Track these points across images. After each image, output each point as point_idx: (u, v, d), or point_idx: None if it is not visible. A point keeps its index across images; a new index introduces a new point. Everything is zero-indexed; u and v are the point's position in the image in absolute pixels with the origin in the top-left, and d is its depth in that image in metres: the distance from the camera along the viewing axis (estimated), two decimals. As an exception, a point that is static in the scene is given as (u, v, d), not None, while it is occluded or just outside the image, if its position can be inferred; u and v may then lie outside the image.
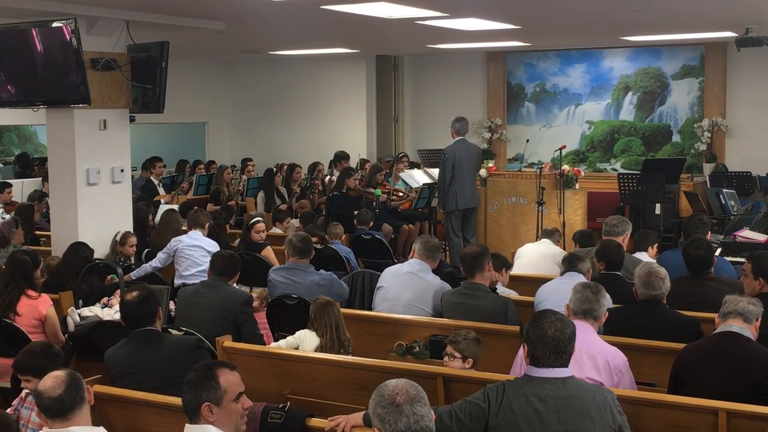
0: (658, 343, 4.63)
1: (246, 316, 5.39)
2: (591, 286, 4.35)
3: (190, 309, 5.47)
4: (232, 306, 5.37)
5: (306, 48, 12.43)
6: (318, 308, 4.88)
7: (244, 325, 5.34)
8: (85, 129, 7.40)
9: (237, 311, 5.35)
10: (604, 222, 6.68)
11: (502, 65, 13.58)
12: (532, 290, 5.89)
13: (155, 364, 4.19)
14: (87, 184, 7.44)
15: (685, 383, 4.06)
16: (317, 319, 4.85)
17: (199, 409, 3.11)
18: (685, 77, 12.51)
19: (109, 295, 5.99)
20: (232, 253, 5.86)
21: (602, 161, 13.09)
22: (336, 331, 4.82)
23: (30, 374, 3.88)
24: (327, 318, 4.83)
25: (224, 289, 5.51)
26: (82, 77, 6.87)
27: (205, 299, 5.45)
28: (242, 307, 5.39)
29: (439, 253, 5.98)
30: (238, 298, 5.46)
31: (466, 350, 4.39)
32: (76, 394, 3.23)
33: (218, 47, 12.18)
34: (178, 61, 11.02)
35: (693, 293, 5.42)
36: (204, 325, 5.18)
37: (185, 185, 12.09)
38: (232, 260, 5.68)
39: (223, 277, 5.58)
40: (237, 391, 3.17)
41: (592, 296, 4.27)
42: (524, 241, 8.59)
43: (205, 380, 3.14)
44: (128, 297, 4.34)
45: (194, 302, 5.49)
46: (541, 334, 3.30)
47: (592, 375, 3.95)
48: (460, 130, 9.45)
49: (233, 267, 5.64)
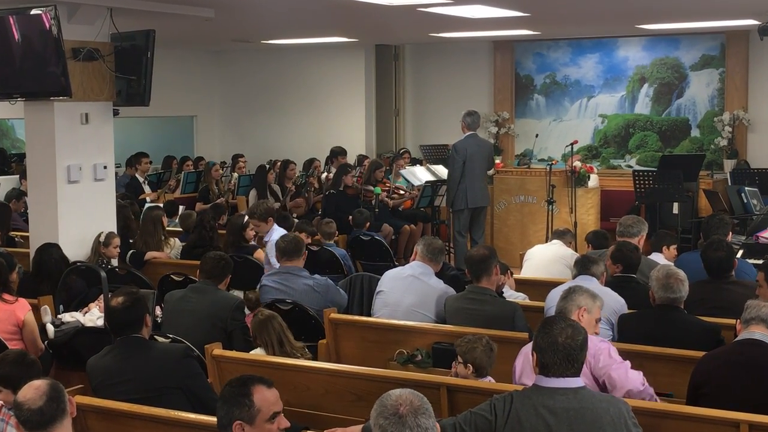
0: (676, 351, 4.64)
1: (237, 322, 5.40)
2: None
3: (178, 315, 5.48)
4: (223, 312, 5.38)
5: (301, 37, 12.44)
6: (257, 326, 4.92)
7: (235, 332, 5.36)
8: (66, 123, 7.40)
9: (228, 318, 5.36)
10: (619, 222, 6.70)
11: (509, 55, 13.58)
12: (541, 295, 5.90)
13: (141, 374, 4.19)
14: (68, 181, 7.44)
15: (704, 394, 4.07)
16: (259, 336, 4.91)
17: (230, 427, 3.11)
18: (704, 68, 12.52)
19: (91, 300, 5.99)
20: (221, 255, 5.86)
21: (616, 157, 13.10)
22: (281, 346, 4.87)
23: (1, 385, 3.89)
24: (268, 335, 4.89)
25: (214, 293, 5.52)
26: (62, 68, 6.87)
27: (193, 305, 5.46)
28: (233, 313, 5.40)
29: (443, 255, 6.00)
30: (229, 303, 5.46)
31: (467, 354, 4.39)
32: (57, 406, 3.24)
33: (207, 36, 12.19)
34: (165, 51, 11.02)
35: (713, 298, 5.43)
36: (192, 331, 5.18)
37: (172, 183, 12.10)
38: (221, 262, 5.68)
39: (213, 280, 5.59)
40: (272, 410, 3.15)
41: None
42: (533, 243, 8.61)
43: (239, 397, 3.13)
44: (114, 302, 4.34)
45: (182, 308, 5.50)
46: (552, 342, 3.31)
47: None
48: (471, 125, 9.45)
49: (223, 269, 5.65)
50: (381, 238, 8.98)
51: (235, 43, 13.37)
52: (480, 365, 4.38)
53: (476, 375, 4.38)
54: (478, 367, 4.38)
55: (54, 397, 3.24)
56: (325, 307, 5.79)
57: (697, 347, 4.55)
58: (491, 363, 4.43)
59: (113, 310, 4.33)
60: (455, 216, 9.45)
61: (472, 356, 4.39)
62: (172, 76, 13.26)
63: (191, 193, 11.84)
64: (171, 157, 13.37)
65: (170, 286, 6.59)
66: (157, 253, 7.90)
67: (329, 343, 5.60)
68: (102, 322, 5.51)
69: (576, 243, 8.45)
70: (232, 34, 11.84)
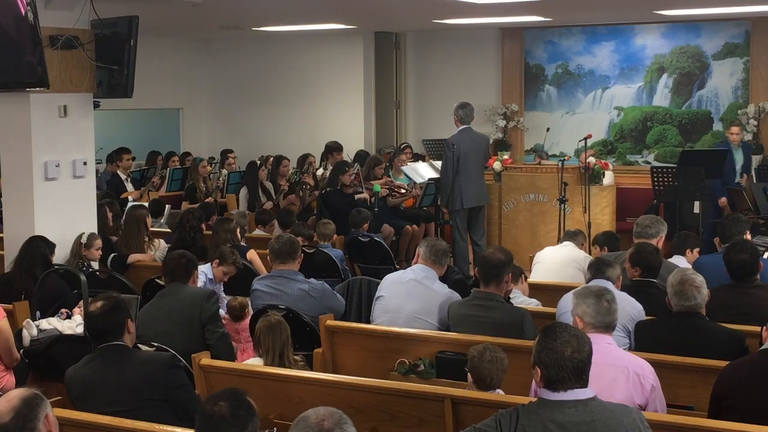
0: (697, 361, 4.64)
1: (210, 313, 5.47)
2: (604, 293, 4.38)
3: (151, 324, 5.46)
4: (194, 308, 5.46)
5: (294, 23, 12.44)
6: (265, 328, 4.94)
7: (209, 324, 5.41)
8: (43, 116, 7.40)
9: (199, 311, 5.43)
10: (636, 222, 6.70)
11: (518, 43, 13.58)
12: (552, 300, 5.90)
13: (123, 385, 4.19)
14: (45, 179, 7.44)
15: (728, 406, 4.07)
16: (263, 340, 4.92)
17: None
18: (727, 57, 12.52)
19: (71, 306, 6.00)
20: (182, 252, 6.01)
21: (633, 153, 13.10)
22: (280, 357, 4.90)
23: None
24: (272, 342, 4.91)
25: (182, 291, 5.61)
26: (39, 57, 6.85)
27: (165, 310, 5.49)
28: (205, 302, 5.48)
29: (447, 258, 6.00)
30: (200, 294, 5.59)
31: (472, 369, 4.39)
32: (24, 425, 3.10)
33: (194, 23, 12.19)
34: (149, 39, 11.01)
35: (736, 303, 5.43)
36: (170, 337, 5.20)
37: (156, 180, 12.09)
38: (182, 260, 5.81)
39: (179, 280, 5.70)
40: None
41: (609, 306, 4.31)
42: (544, 244, 8.61)
43: None
44: (93, 308, 4.35)
45: (154, 316, 5.53)
46: (557, 357, 3.30)
47: (622, 393, 3.97)
48: (464, 118, 9.44)
49: (186, 266, 5.77)
50: (381, 240, 8.98)
51: (224, 31, 13.37)
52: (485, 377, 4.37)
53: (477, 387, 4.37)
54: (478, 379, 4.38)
55: (23, 414, 3.12)
56: (321, 314, 5.79)
57: (719, 356, 4.55)
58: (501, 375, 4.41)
59: (92, 316, 4.34)
60: (451, 217, 9.46)
61: (472, 365, 4.38)
62: (156, 66, 13.26)
63: (177, 192, 11.83)
64: (155, 153, 13.38)
65: (155, 290, 6.57)
66: (140, 255, 7.90)
67: (325, 352, 5.60)
68: (81, 329, 5.51)
69: (589, 245, 8.45)
70: (221, 20, 11.84)
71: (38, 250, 6.68)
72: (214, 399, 3.18)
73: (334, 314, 5.89)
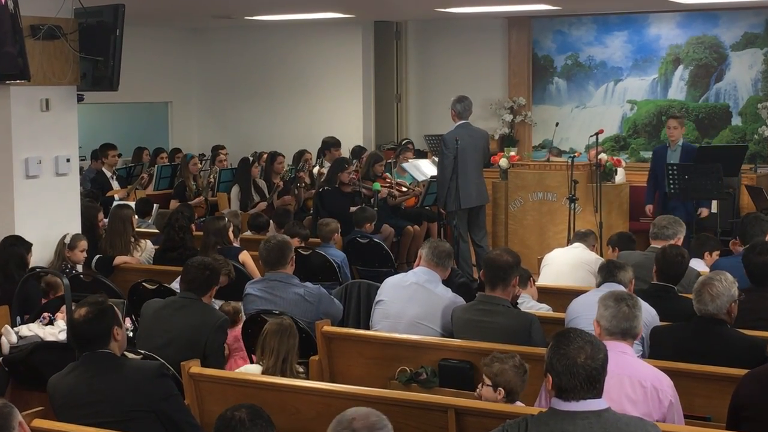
0: (715, 369, 4.64)
1: (215, 345, 5.38)
2: (626, 297, 4.37)
3: (155, 331, 5.45)
4: (202, 336, 5.34)
5: (290, 12, 12.44)
6: (274, 331, 4.94)
7: (211, 357, 5.32)
8: (24, 110, 7.40)
9: (206, 340, 5.33)
10: (652, 223, 6.70)
11: (526, 33, 13.59)
12: (562, 304, 5.91)
13: (109, 394, 4.18)
14: (26, 176, 7.44)
15: (747, 417, 4.07)
16: (268, 342, 4.92)
17: None
18: (747, 47, 12.53)
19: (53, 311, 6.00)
20: (206, 262, 5.79)
21: (647, 149, 13.09)
22: (283, 363, 4.89)
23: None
24: (278, 345, 4.91)
25: (194, 308, 5.50)
26: (19, 48, 6.85)
27: (174, 321, 5.43)
28: (214, 334, 5.37)
29: (451, 260, 5.99)
30: (212, 322, 5.44)
31: (499, 376, 4.34)
32: None
33: (184, 12, 12.20)
34: (136, 29, 11.02)
35: (756, 308, 5.43)
36: (169, 349, 5.19)
37: (144, 178, 12.10)
38: (206, 271, 5.64)
39: (195, 292, 5.56)
40: None
41: (630, 311, 4.29)
42: (553, 246, 8.61)
43: None
44: (77, 314, 4.32)
45: (160, 323, 5.48)
46: (570, 364, 3.30)
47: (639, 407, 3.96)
48: (462, 113, 9.42)
49: (207, 280, 5.61)
50: (381, 241, 8.98)
51: (215, 20, 13.37)
52: (513, 389, 4.33)
53: (507, 400, 4.32)
54: (510, 392, 4.32)
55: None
56: (318, 319, 5.78)
57: (738, 364, 4.55)
58: (523, 386, 4.39)
59: (76, 323, 4.32)
60: (450, 218, 9.46)
61: (504, 378, 4.33)
62: (143, 57, 13.26)
63: (166, 190, 11.84)
64: (143, 149, 13.38)
65: (142, 294, 6.58)
66: (126, 257, 7.90)
67: (322, 360, 5.60)
68: (64, 336, 5.51)
69: (600, 246, 8.46)
70: (212, 9, 11.85)
71: (12, 249, 6.66)
72: (234, 407, 3.34)
73: (331, 320, 5.89)
